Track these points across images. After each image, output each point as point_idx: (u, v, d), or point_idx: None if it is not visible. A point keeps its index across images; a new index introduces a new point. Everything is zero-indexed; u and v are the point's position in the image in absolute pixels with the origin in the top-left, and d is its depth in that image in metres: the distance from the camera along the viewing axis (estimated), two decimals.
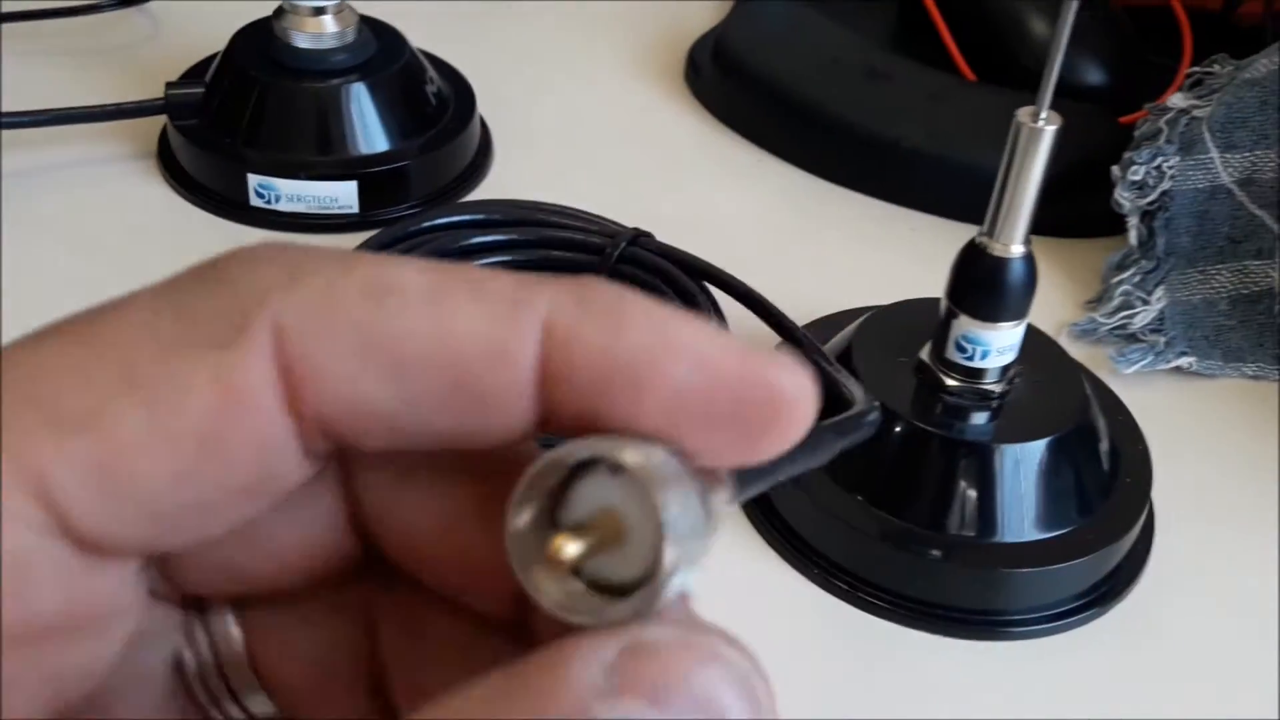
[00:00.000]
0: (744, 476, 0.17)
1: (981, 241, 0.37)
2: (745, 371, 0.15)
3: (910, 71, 0.58)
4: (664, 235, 0.46)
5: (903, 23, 0.65)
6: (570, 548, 0.15)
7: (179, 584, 0.18)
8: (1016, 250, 0.36)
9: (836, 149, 0.56)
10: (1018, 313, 0.37)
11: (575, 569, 0.15)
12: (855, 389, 0.36)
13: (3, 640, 0.15)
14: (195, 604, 0.18)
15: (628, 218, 0.47)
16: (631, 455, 0.15)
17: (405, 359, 0.15)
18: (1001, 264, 0.37)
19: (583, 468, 0.15)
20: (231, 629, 0.18)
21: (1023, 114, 0.35)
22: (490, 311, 0.15)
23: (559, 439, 0.16)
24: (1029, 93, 0.35)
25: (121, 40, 0.61)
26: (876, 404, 0.31)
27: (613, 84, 0.62)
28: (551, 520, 0.16)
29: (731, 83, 0.60)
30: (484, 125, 0.56)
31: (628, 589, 0.15)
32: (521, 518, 0.15)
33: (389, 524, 0.17)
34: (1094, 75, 0.59)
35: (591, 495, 0.15)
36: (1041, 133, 0.35)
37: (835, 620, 0.37)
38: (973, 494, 0.37)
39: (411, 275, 0.15)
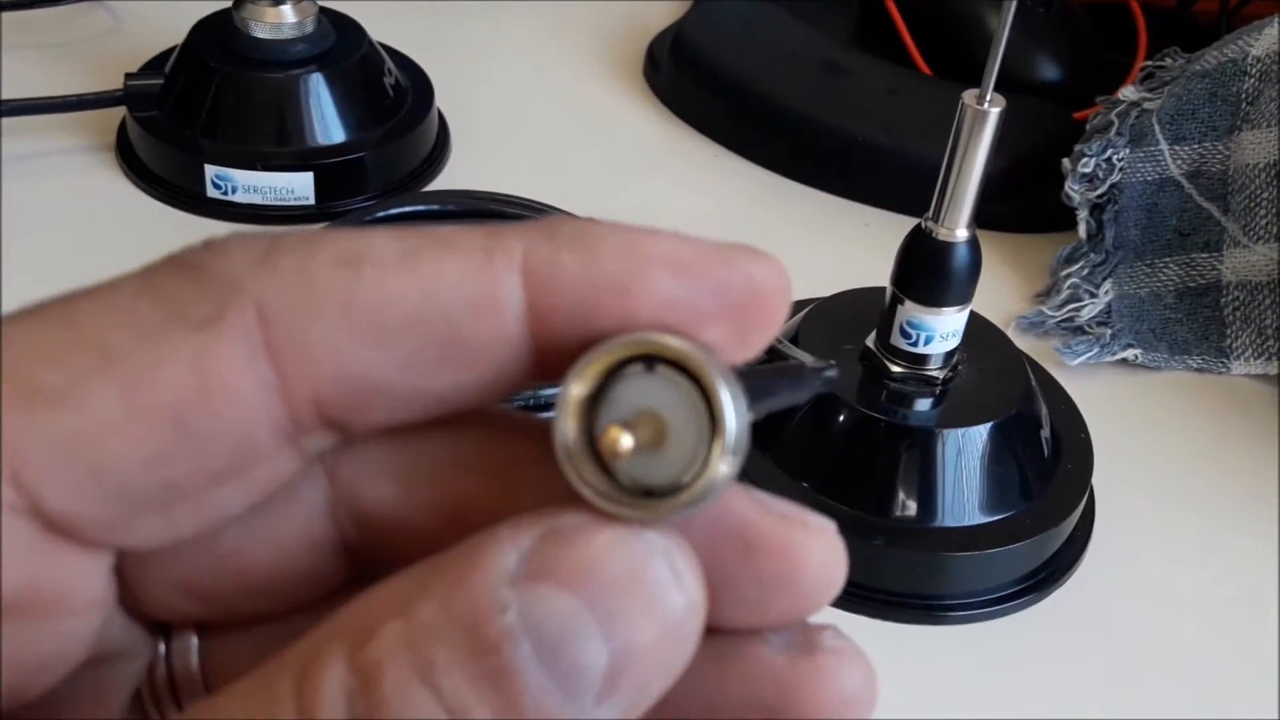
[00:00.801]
0: (767, 385, 0.17)
1: (927, 226, 0.37)
2: (723, 268, 0.16)
3: (868, 67, 0.59)
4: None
5: (862, 19, 0.65)
6: (625, 439, 0.15)
7: (146, 607, 0.17)
8: (961, 234, 0.37)
9: (793, 144, 0.57)
10: (962, 297, 0.38)
11: (610, 472, 0.15)
12: (807, 359, 0.37)
13: None
14: (161, 629, 0.18)
15: (584, 212, 0.47)
16: (676, 342, 0.15)
17: (391, 323, 0.15)
18: (946, 248, 0.37)
19: (618, 371, 0.15)
20: (191, 651, 0.18)
21: (968, 96, 0.35)
22: (466, 263, 0.15)
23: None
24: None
25: (83, 33, 0.61)
26: (832, 362, 0.31)
27: (572, 79, 0.62)
28: (589, 429, 0.15)
29: (690, 78, 0.60)
30: (442, 118, 0.57)
31: (663, 492, 0.15)
32: (569, 420, 0.15)
33: (385, 527, 0.17)
34: (1050, 71, 0.60)
35: (628, 398, 0.15)
36: (986, 115, 0.35)
37: None
38: (915, 479, 0.38)
39: (382, 242, 0.15)
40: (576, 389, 0.15)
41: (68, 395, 0.14)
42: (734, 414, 0.15)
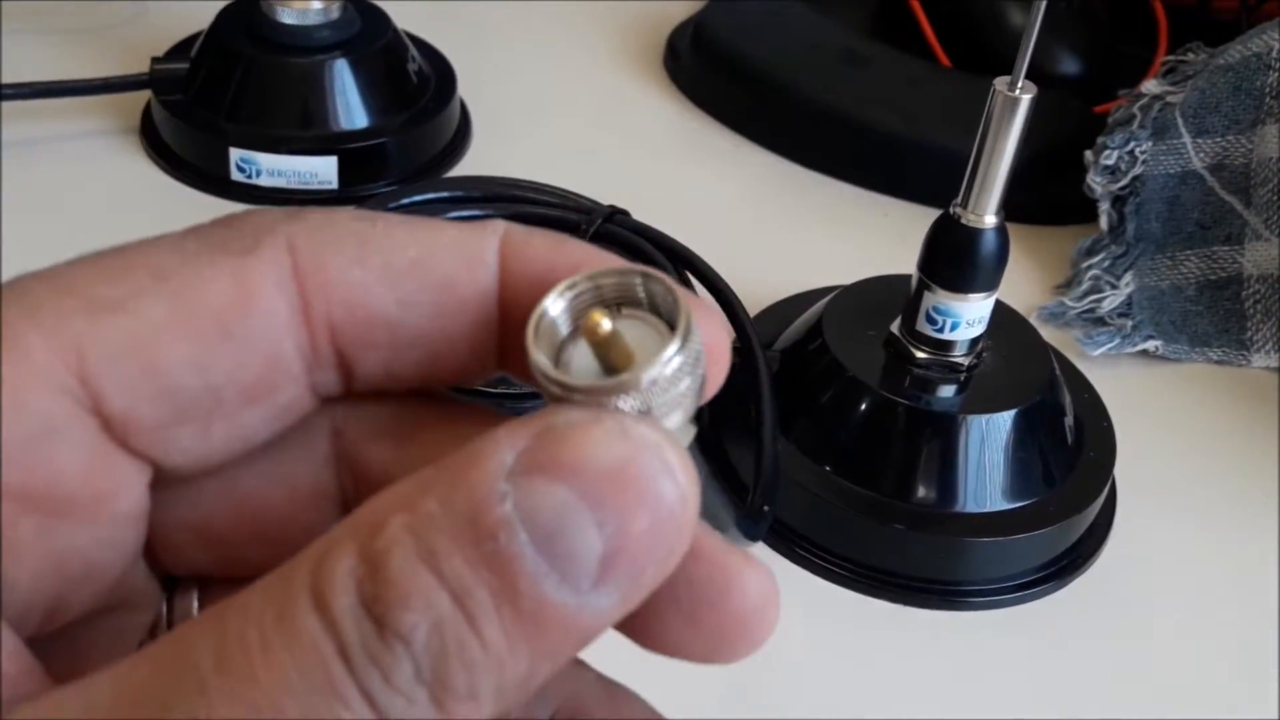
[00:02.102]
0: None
1: (955, 212, 0.37)
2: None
3: (888, 58, 0.59)
4: (641, 217, 0.47)
5: (882, 10, 0.65)
6: (605, 322, 0.16)
7: (162, 557, 0.18)
8: (989, 221, 0.37)
9: (813, 134, 0.57)
10: (988, 284, 0.38)
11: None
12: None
13: (20, 501, 0.16)
14: (167, 585, 0.19)
15: (604, 200, 0.47)
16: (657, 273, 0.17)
17: (397, 263, 0.17)
18: (974, 234, 0.37)
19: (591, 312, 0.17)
20: (193, 605, 0.19)
21: (999, 83, 0.35)
22: (460, 230, 0.18)
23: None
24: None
25: (110, 19, 0.61)
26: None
27: (593, 69, 0.63)
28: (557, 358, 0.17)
29: (710, 68, 0.60)
30: (464, 106, 0.57)
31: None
32: (554, 304, 0.17)
33: (379, 484, 0.18)
34: (1070, 65, 0.60)
35: (603, 325, 0.17)
36: (1017, 102, 0.35)
37: (798, 588, 0.38)
38: (938, 464, 0.38)
39: (390, 214, 0.18)
40: (559, 290, 0.17)
41: (125, 304, 0.16)
42: (690, 325, 0.16)
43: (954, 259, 0.37)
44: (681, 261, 0.45)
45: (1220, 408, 0.46)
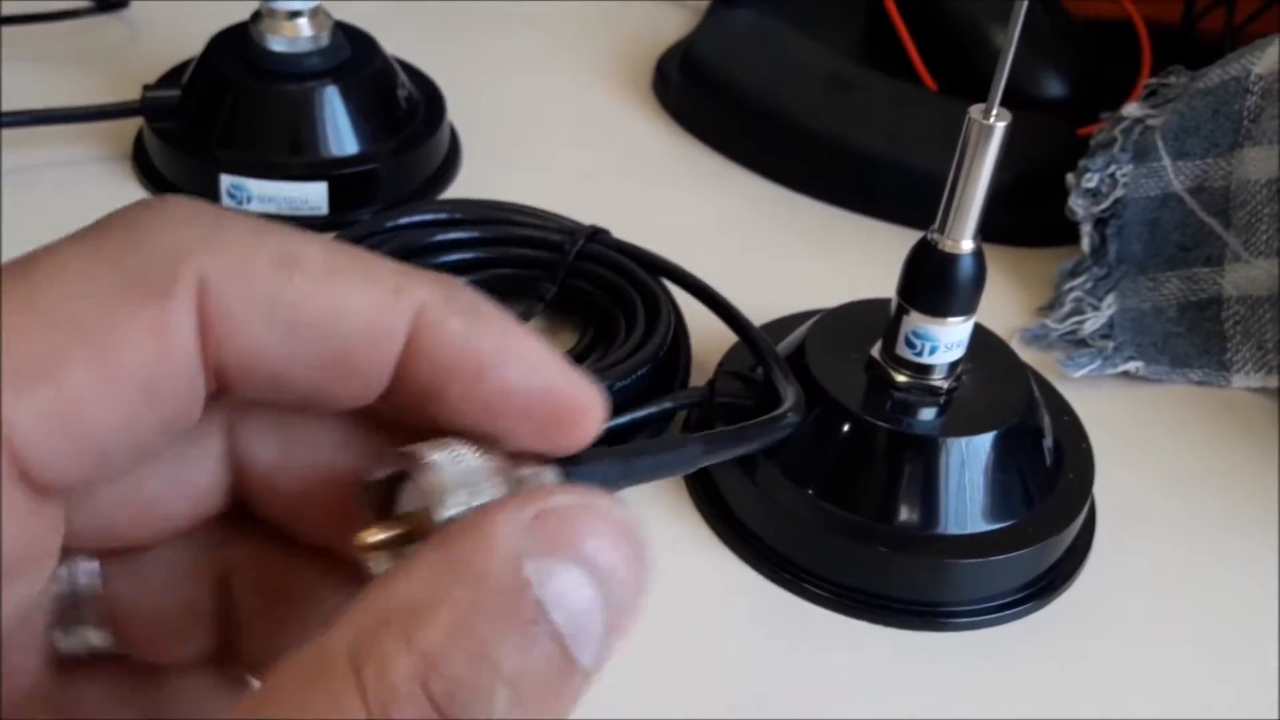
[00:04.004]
0: (610, 472, 0.20)
1: (933, 238, 0.38)
2: (560, 384, 0.19)
3: (874, 81, 0.59)
4: (629, 239, 0.47)
5: (868, 33, 0.66)
6: (369, 537, 0.18)
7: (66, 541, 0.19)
8: (966, 246, 0.37)
9: (800, 157, 0.58)
10: (966, 308, 0.38)
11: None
12: (790, 390, 0.37)
13: None
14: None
15: (593, 222, 0.48)
16: (432, 453, 0.18)
17: (302, 324, 0.17)
18: (951, 260, 0.38)
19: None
20: (94, 569, 0.20)
21: (974, 111, 0.36)
22: (377, 294, 0.18)
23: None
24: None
25: (101, 45, 0.62)
26: (795, 417, 0.32)
27: (582, 93, 0.63)
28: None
29: (698, 92, 0.61)
30: (453, 130, 0.57)
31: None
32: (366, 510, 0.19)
33: (260, 481, 0.20)
34: (1054, 87, 0.61)
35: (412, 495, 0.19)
36: (992, 129, 0.36)
37: (781, 611, 0.38)
38: (919, 486, 0.38)
39: (315, 251, 0.18)
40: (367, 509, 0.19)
41: (49, 373, 0.16)
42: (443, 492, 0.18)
43: (932, 284, 0.38)
44: (665, 274, 0.46)
45: (1200, 429, 0.46)
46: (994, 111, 0.35)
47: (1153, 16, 0.65)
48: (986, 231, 0.37)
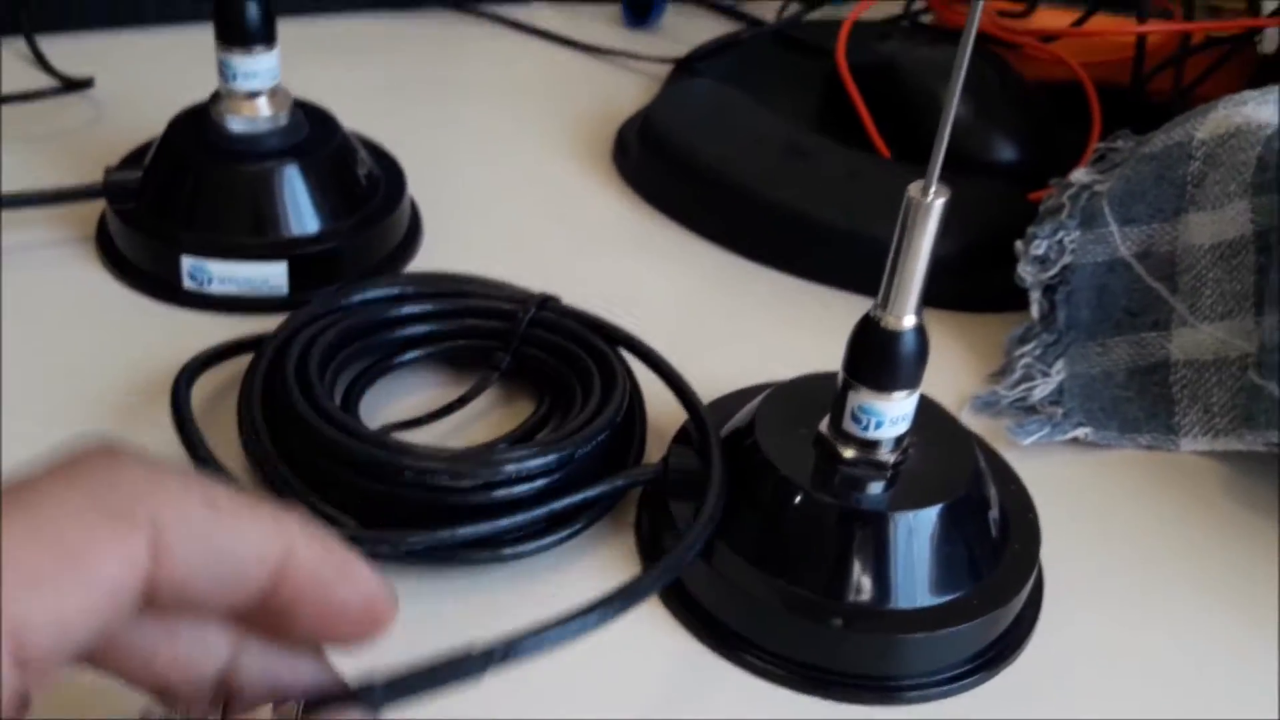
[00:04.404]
0: (398, 686, 0.27)
1: (875, 315, 0.38)
2: (376, 594, 0.26)
3: (830, 150, 0.60)
4: (589, 309, 0.48)
5: (825, 100, 0.67)
6: None
7: None
8: (908, 322, 0.38)
9: (757, 227, 0.58)
10: (910, 383, 0.39)
11: None
12: (714, 484, 0.39)
13: None
14: None
15: (549, 289, 0.48)
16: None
17: (218, 549, 0.24)
18: (894, 337, 0.38)
19: None
20: None
21: (913, 189, 0.37)
22: (265, 526, 0.25)
23: None
24: (949, 175, 0.37)
25: (66, 125, 0.63)
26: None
27: (543, 163, 0.64)
28: None
29: (657, 162, 0.62)
30: (414, 204, 0.58)
31: None
32: None
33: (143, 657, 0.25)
34: (1006, 152, 0.62)
35: None
36: (930, 207, 0.36)
37: (732, 686, 0.38)
38: (868, 562, 0.38)
39: (223, 494, 0.24)
40: None
41: (51, 586, 0.21)
42: None
43: (875, 361, 0.38)
44: (618, 342, 0.47)
45: (1148, 495, 0.47)
46: (932, 189, 0.36)
47: (1105, 78, 0.66)
48: (939, 298, 0.38)
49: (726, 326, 0.54)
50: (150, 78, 0.66)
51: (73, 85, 0.64)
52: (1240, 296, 0.47)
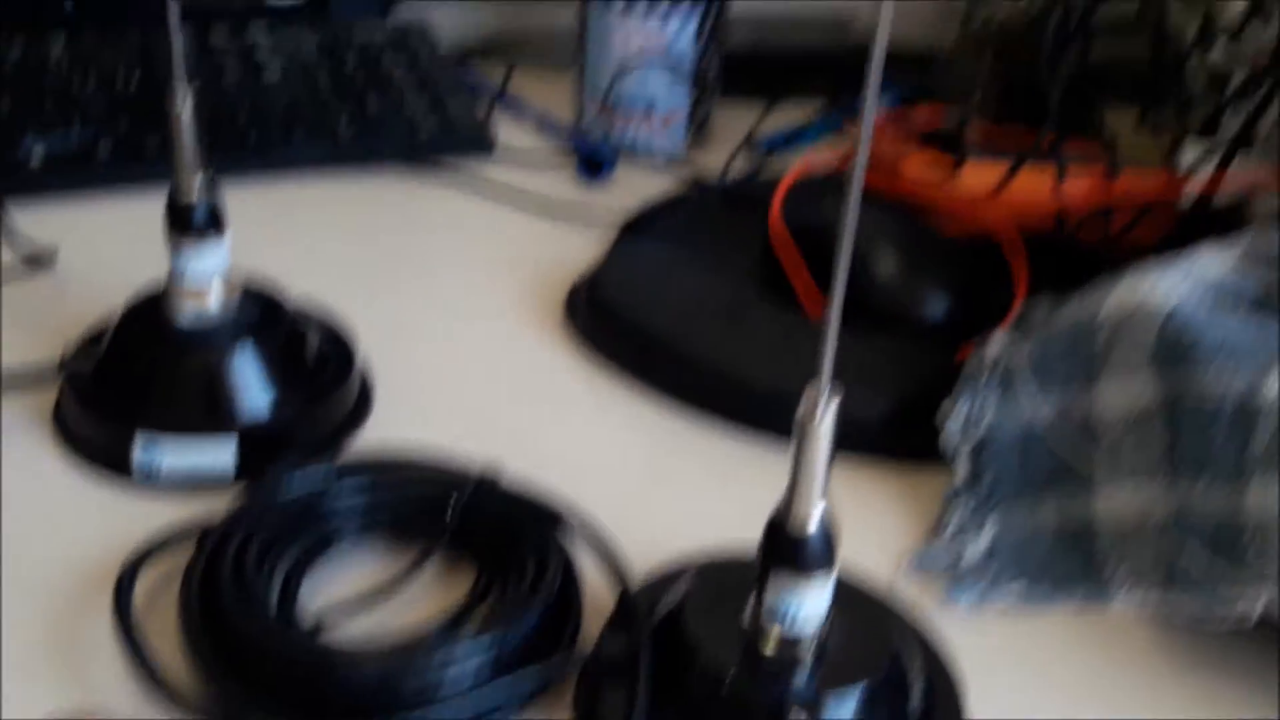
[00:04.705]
0: None
1: (779, 515, 0.40)
2: None
3: (768, 312, 0.63)
4: (538, 473, 0.50)
5: (767, 260, 0.69)
6: None
7: None
8: (813, 525, 0.39)
9: (701, 390, 0.60)
10: (822, 572, 0.40)
11: None
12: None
13: None
14: None
15: (500, 456, 0.50)
16: None
17: None
18: (799, 541, 0.40)
19: None
20: None
21: (803, 411, 0.38)
22: None
23: None
24: (880, 333, 0.39)
25: (29, 303, 0.64)
26: None
27: (496, 324, 0.66)
28: None
29: (605, 326, 0.64)
30: (365, 373, 0.60)
31: None
32: None
33: None
34: (936, 309, 0.64)
35: None
36: (818, 429, 0.38)
37: None
38: None
39: None
40: None
41: None
42: None
43: (786, 559, 0.40)
44: (557, 519, 0.48)
45: (1078, 652, 0.48)
46: (818, 410, 0.38)
47: (1034, 227, 0.69)
48: (875, 450, 0.38)
49: (671, 488, 0.56)
50: (111, 248, 0.68)
51: (34, 262, 0.66)
52: (1155, 463, 0.49)
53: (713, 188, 0.78)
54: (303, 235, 0.73)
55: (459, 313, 0.67)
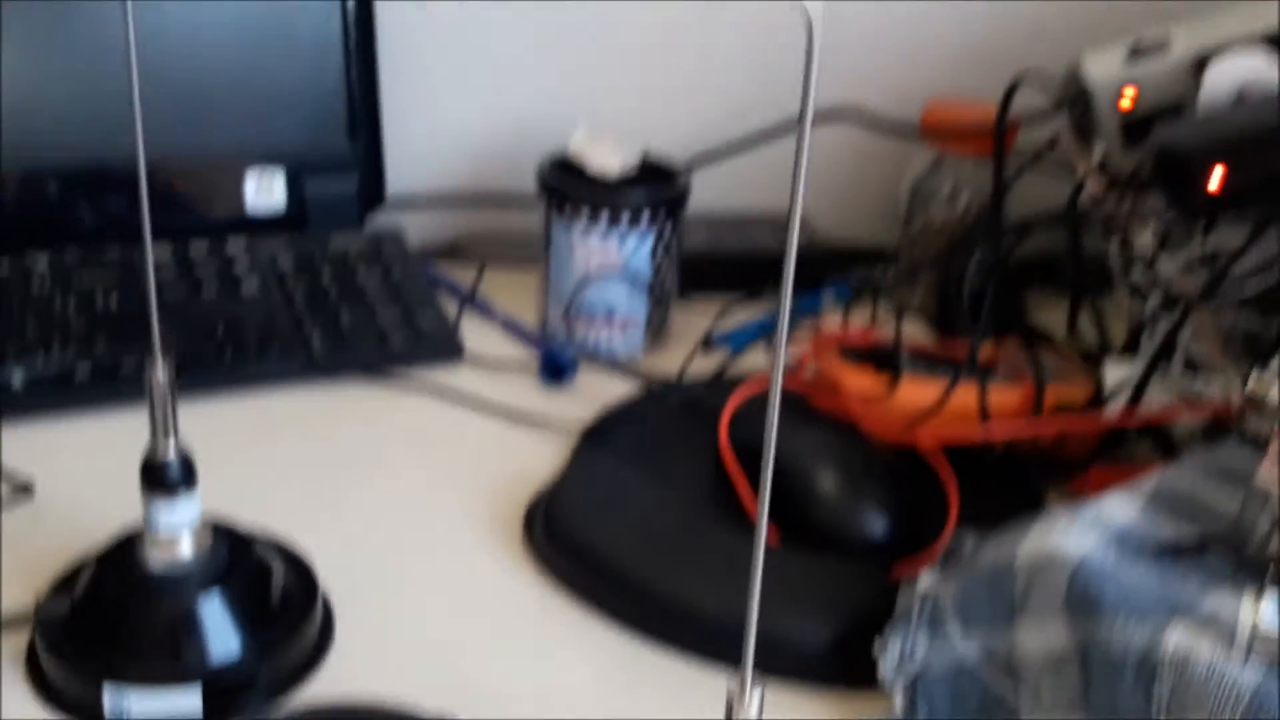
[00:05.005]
0: None
1: None
2: None
3: (718, 535, 0.66)
4: (494, 701, 0.52)
5: (717, 477, 0.73)
6: None
7: None
8: None
9: (650, 614, 0.63)
10: None
11: None
12: None
13: None
14: None
15: (458, 686, 0.53)
16: None
17: None
18: None
19: None
20: None
21: (731, 696, 0.41)
22: None
23: None
24: (823, 553, 0.41)
25: (9, 532, 0.67)
26: None
27: (455, 545, 0.69)
28: None
29: (559, 549, 0.67)
30: (326, 603, 0.62)
31: None
32: None
33: None
34: (875, 528, 0.67)
35: None
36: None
37: None
38: None
39: None
40: None
41: None
42: None
43: None
44: None
45: None
46: (747, 692, 0.41)
47: (969, 439, 0.72)
48: (818, 676, 0.40)
49: (624, 714, 0.58)
50: (89, 473, 0.71)
51: (17, 489, 0.69)
52: (1074, 704, 0.52)
53: (671, 393, 0.82)
54: (269, 448, 0.76)
55: (418, 533, 0.70)
